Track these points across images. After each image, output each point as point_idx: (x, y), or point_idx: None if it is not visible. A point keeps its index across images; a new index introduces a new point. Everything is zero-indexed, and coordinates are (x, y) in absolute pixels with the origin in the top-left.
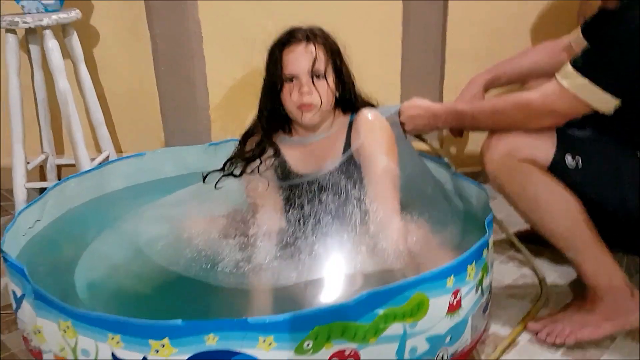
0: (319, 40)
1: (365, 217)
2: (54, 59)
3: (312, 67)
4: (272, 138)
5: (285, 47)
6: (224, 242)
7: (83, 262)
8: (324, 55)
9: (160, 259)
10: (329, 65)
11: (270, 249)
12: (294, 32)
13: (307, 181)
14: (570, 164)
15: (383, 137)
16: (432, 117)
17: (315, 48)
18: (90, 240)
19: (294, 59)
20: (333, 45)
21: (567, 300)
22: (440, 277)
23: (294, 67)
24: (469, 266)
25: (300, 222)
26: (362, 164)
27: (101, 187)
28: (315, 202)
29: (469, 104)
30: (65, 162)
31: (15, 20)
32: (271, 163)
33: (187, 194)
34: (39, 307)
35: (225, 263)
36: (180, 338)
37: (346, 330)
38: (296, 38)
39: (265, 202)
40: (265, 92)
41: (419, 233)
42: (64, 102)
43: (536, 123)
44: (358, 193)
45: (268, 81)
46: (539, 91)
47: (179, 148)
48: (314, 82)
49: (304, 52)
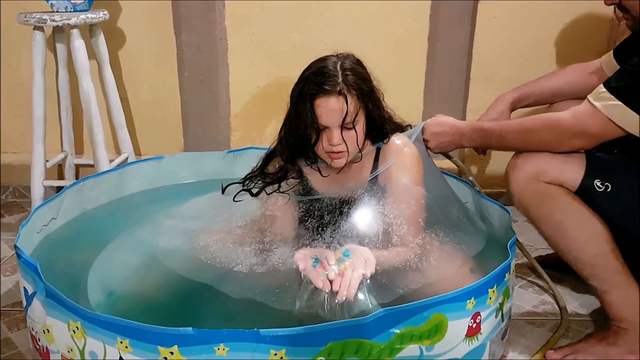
0: (352, 90)
1: (386, 237)
2: (80, 59)
3: (343, 122)
4: (295, 162)
5: (316, 97)
6: (240, 249)
7: (96, 265)
8: (355, 105)
9: (175, 266)
10: (360, 112)
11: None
12: (325, 79)
13: (328, 197)
14: (599, 188)
15: (412, 163)
16: (457, 135)
17: (347, 100)
18: (105, 243)
19: (326, 112)
20: (364, 87)
21: (588, 330)
22: (461, 299)
23: (325, 120)
24: (490, 289)
25: (318, 229)
26: (388, 188)
27: (119, 188)
28: (336, 213)
29: (496, 122)
30: (84, 162)
31: (44, 18)
32: (293, 186)
33: (204, 204)
34: (50, 305)
35: (240, 268)
36: (189, 346)
37: (360, 347)
38: (328, 90)
39: (279, 216)
40: (291, 128)
41: (441, 253)
42: (87, 102)
43: (566, 144)
44: (382, 209)
45: (295, 120)
46: (570, 112)
47: (197, 153)
48: (343, 133)
49: (335, 105)
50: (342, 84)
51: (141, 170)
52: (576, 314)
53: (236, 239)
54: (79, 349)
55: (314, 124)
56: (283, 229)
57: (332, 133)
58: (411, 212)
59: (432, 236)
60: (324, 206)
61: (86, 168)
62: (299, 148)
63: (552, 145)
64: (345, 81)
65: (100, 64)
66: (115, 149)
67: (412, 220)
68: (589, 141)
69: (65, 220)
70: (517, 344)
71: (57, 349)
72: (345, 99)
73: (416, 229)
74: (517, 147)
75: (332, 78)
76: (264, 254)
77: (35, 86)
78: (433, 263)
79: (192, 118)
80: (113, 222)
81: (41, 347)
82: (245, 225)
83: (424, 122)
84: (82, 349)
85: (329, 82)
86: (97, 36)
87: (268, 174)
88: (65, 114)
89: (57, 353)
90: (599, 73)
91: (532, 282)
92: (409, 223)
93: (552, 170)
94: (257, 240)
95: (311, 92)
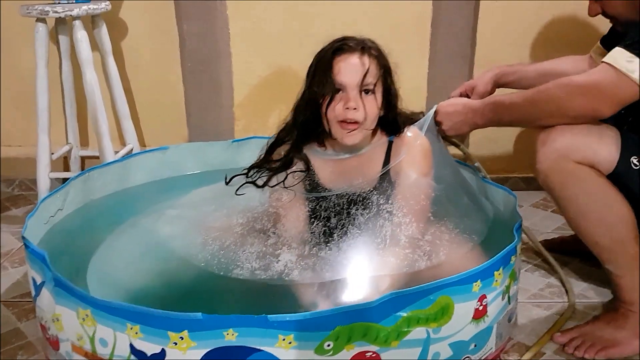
0: (373, 53)
1: (396, 231)
2: (83, 50)
3: (363, 81)
4: (302, 150)
5: (337, 54)
6: (240, 250)
7: (102, 254)
8: (376, 69)
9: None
10: (379, 81)
11: (291, 257)
12: (347, 40)
13: (336, 195)
14: (636, 166)
15: (423, 157)
16: (471, 112)
17: (369, 60)
18: (110, 232)
19: (345, 68)
20: (385, 62)
21: (595, 313)
22: (467, 281)
23: (344, 77)
24: (496, 272)
25: (325, 234)
26: (397, 182)
27: (124, 179)
28: (343, 215)
29: (506, 94)
30: (89, 153)
31: (46, 9)
32: (299, 178)
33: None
34: (59, 294)
35: (239, 272)
36: (199, 331)
37: (368, 331)
38: (350, 47)
39: (289, 213)
40: (303, 100)
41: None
42: (91, 93)
43: (579, 102)
44: (390, 207)
45: (310, 88)
46: (583, 73)
47: (202, 143)
48: (362, 97)
49: (357, 62)
50: (365, 46)
51: (146, 161)
52: (583, 296)
53: (237, 237)
54: (89, 336)
55: (331, 83)
56: (290, 228)
57: (349, 94)
58: (420, 208)
59: (441, 229)
60: (330, 206)
61: (91, 160)
62: (308, 129)
63: (563, 104)
64: (366, 44)
65: (103, 55)
66: (119, 140)
67: (421, 216)
68: (603, 102)
69: (71, 210)
70: (525, 327)
71: (66, 337)
72: (368, 56)
73: (425, 225)
74: (530, 114)
75: (353, 39)
76: (267, 258)
77: (39, 78)
78: (442, 256)
79: (196, 108)
80: (118, 212)
81: (50, 336)
82: (246, 223)
83: (435, 106)
84: (92, 336)
85: (352, 42)
86: (100, 27)
87: (273, 161)
88: (69, 106)
89: (67, 341)
90: (589, 60)
91: (538, 266)
92: (418, 220)
93: (586, 149)
94: (259, 241)
95: (331, 51)
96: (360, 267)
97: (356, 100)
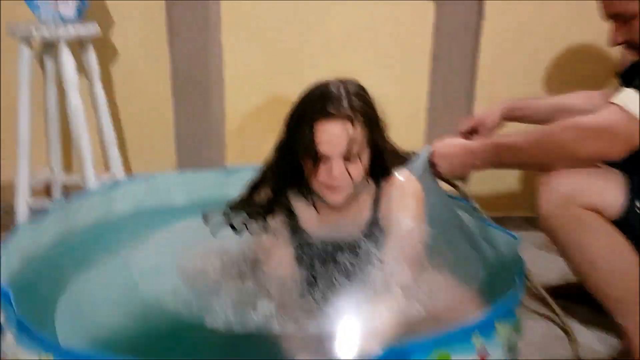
0: (359, 116)
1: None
2: (68, 74)
3: (347, 150)
4: (284, 196)
5: (319, 121)
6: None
7: (73, 293)
8: (361, 135)
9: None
10: (365, 142)
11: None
12: (330, 102)
13: (321, 242)
14: (639, 209)
15: (414, 202)
16: (470, 154)
17: (353, 128)
18: (85, 269)
19: (328, 139)
20: (372, 114)
21: None
22: (466, 334)
23: (326, 148)
24: (497, 323)
25: (309, 282)
26: (388, 231)
27: (106, 209)
28: (328, 262)
29: (509, 135)
30: (73, 180)
31: (30, 29)
32: (282, 223)
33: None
34: (21, 337)
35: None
36: None
37: None
38: (332, 114)
39: (270, 257)
40: (283, 154)
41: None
42: (75, 119)
43: (589, 146)
44: (380, 255)
45: (290, 141)
46: (590, 115)
47: (190, 171)
48: (346, 164)
49: (340, 132)
50: (349, 109)
51: (131, 189)
52: (590, 348)
53: (211, 282)
54: None
55: (312, 152)
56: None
57: (332, 164)
58: (413, 255)
59: (436, 277)
60: (315, 252)
61: (76, 186)
62: (290, 179)
63: (573, 147)
64: (351, 106)
65: (91, 80)
66: (105, 166)
67: (414, 264)
68: (616, 145)
69: (48, 242)
70: None
71: None
72: (351, 124)
73: (418, 273)
74: (534, 157)
75: (337, 101)
76: (244, 306)
77: (21, 102)
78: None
79: (186, 134)
80: (98, 245)
81: None
82: (222, 265)
83: (428, 147)
84: None
85: (334, 105)
86: (88, 51)
87: (254, 205)
88: (52, 131)
89: None
90: (603, 95)
91: (543, 315)
92: (410, 268)
93: (590, 193)
94: (237, 287)
95: (312, 115)
96: (349, 319)
97: (340, 169)
